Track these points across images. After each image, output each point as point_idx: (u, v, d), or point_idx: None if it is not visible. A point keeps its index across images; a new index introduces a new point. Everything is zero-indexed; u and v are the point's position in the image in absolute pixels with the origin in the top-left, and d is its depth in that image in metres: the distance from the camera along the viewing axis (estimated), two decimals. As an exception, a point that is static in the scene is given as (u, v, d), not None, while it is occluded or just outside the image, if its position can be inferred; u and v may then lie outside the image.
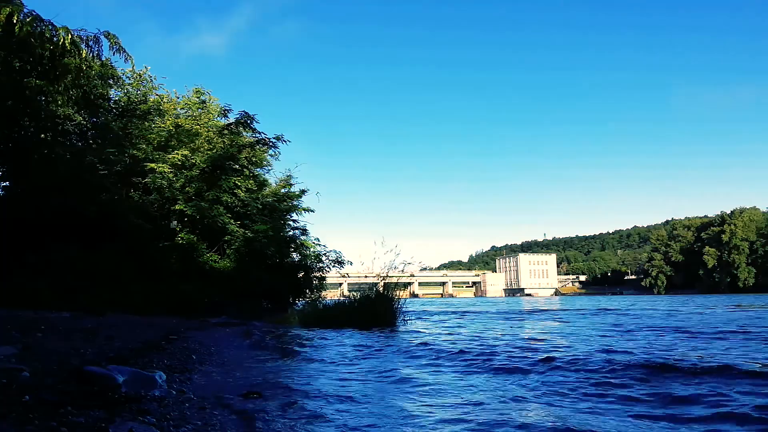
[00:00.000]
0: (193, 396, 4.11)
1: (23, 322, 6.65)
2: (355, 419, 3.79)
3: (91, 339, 6.16)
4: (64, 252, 11.49)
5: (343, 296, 15.82)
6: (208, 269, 15.81)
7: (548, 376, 5.63)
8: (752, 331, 10.95)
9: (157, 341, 7.33)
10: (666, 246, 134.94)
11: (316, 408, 4.09)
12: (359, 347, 8.65)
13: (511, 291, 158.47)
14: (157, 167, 15.88)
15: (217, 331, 10.55)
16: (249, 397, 4.29)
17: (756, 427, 3.55)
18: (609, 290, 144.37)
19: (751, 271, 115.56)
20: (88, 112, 14.78)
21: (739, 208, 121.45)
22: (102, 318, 9.03)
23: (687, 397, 4.45)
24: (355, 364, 6.81)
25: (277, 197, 19.74)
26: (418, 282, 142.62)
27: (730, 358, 6.65)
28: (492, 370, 6.18)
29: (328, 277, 21.63)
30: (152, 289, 12.87)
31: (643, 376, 5.38)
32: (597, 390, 4.85)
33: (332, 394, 4.64)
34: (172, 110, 18.97)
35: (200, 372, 5.40)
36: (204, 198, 16.51)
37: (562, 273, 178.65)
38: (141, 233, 14.12)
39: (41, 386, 3.51)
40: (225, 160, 17.42)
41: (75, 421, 2.90)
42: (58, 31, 11.01)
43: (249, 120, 18.79)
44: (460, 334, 11.46)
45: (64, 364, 4.33)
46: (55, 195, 11.80)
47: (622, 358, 6.47)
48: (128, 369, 4.32)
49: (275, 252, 18.07)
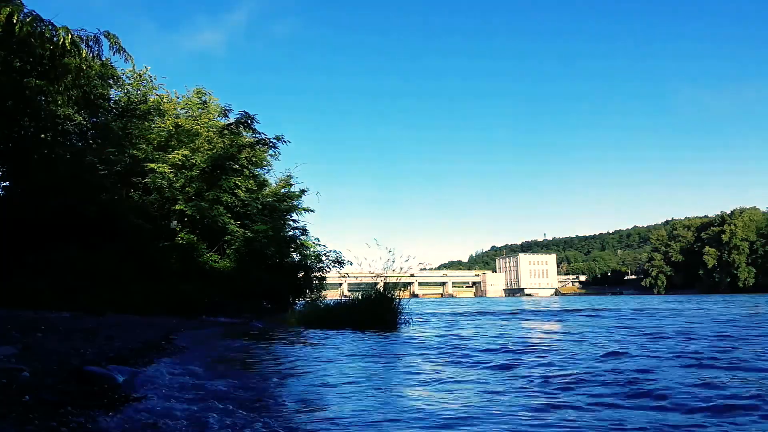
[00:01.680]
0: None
1: (23, 322, 6.65)
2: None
3: (91, 339, 6.16)
4: (64, 252, 11.49)
5: (343, 296, 15.83)
6: (208, 269, 15.82)
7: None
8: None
9: (157, 341, 7.33)
10: (666, 246, 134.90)
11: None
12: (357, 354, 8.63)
13: (511, 291, 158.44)
14: (157, 167, 15.88)
15: (215, 331, 10.54)
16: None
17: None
18: (609, 290, 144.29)
19: (751, 271, 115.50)
20: (88, 112, 14.78)
21: (739, 208, 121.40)
22: (102, 318, 9.04)
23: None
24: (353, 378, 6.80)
25: (277, 197, 19.76)
26: (418, 282, 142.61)
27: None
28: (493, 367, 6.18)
29: (328, 277, 21.65)
30: (152, 289, 12.87)
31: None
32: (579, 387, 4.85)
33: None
34: (172, 110, 18.97)
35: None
36: (204, 198, 16.52)
37: (562, 273, 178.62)
38: (141, 233, 14.12)
39: (41, 386, 3.50)
40: (225, 160, 17.43)
41: (75, 421, 2.90)
42: (58, 31, 11.00)
43: (249, 120, 18.81)
44: (465, 335, 11.45)
45: (64, 364, 4.33)
46: (55, 195, 11.79)
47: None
48: (128, 369, 4.32)
49: (275, 252, 18.08)
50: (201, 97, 19.86)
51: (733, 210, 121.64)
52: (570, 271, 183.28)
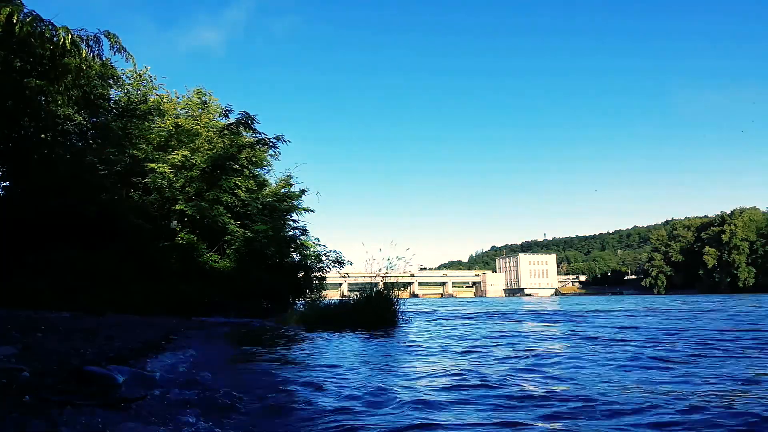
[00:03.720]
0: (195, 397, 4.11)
1: (23, 322, 6.65)
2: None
3: (91, 339, 6.16)
4: (64, 252, 11.48)
5: (343, 296, 15.83)
6: (208, 269, 15.82)
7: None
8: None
9: (157, 341, 7.33)
10: (666, 246, 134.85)
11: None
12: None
13: (511, 291, 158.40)
14: (157, 167, 15.87)
15: (215, 331, 10.54)
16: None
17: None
18: (609, 290, 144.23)
19: (751, 271, 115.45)
20: (88, 112, 14.77)
21: (739, 208, 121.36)
22: (102, 318, 9.04)
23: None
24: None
25: (277, 197, 19.75)
26: (418, 282, 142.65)
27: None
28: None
29: (328, 277, 21.64)
30: (152, 289, 12.87)
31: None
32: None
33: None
34: (172, 110, 18.96)
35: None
36: (204, 198, 16.52)
37: (562, 273, 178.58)
38: (141, 233, 14.12)
39: (41, 386, 3.50)
40: (225, 160, 17.42)
41: (75, 420, 2.90)
42: (58, 31, 10.99)
43: (249, 120, 18.80)
44: (466, 335, 11.45)
45: (64, 364, 4.33)
46: (55, 195, 11.79)
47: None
48: (128, 369, 4.32)
49: (275, 252, 18.08)
50: (201, 98, 19.85)
51: (733, 210, 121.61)
52: (570, 271, 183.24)
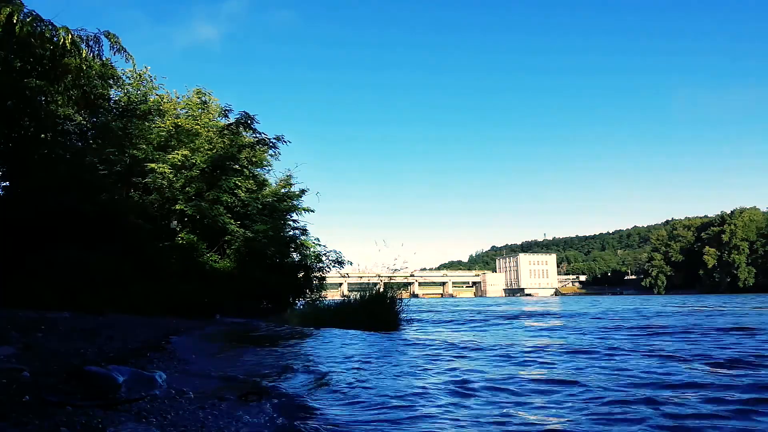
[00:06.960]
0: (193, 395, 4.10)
1: (23, 322, 6.64)
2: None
3: (91, 339, 6.16)
4: (64, 252, 11.46)
5: (343, 296, 15.83)
6: (208, 269, 15.81)
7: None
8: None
9: (157, 341, 7.33)
10: (666, 246, 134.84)
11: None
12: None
13: (511, 291, 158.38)
14: (157, 167, 15.87)
15: (215, 331, 10.54)
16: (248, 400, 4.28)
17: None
18: (609, 290, 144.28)
19: (751, 271, 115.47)
20: (88, 112, 14.77)
21: (739, 208, 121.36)
22: (102, 318, 9.03)
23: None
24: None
25: (277, 197, 19.74)
26: (418, 282, 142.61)
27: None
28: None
29: (328, 277, 21.62)
30: (152, 289, 12.86)
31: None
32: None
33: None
34: (172, 110, 18.96)
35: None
36: (204, 198, 16.52)
37: (562, 273, 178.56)
38: (141, 233, 14.11)
39: (41, 386, 3.50)
40: (225, 160, 17.42)
41: (75, 421, 2.90)
42: (58, 31, 10.99)
43: (249, 120, 18.81)
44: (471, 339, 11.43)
45: (64, 364, 4.33)
46: (55, 195, 11.78)
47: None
48: (128, 369, 4.31)
49: (275, 252, 18.07)
50: (201, 98, 19.85)
51: (733, 210, 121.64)
52: (570, 271, 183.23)
